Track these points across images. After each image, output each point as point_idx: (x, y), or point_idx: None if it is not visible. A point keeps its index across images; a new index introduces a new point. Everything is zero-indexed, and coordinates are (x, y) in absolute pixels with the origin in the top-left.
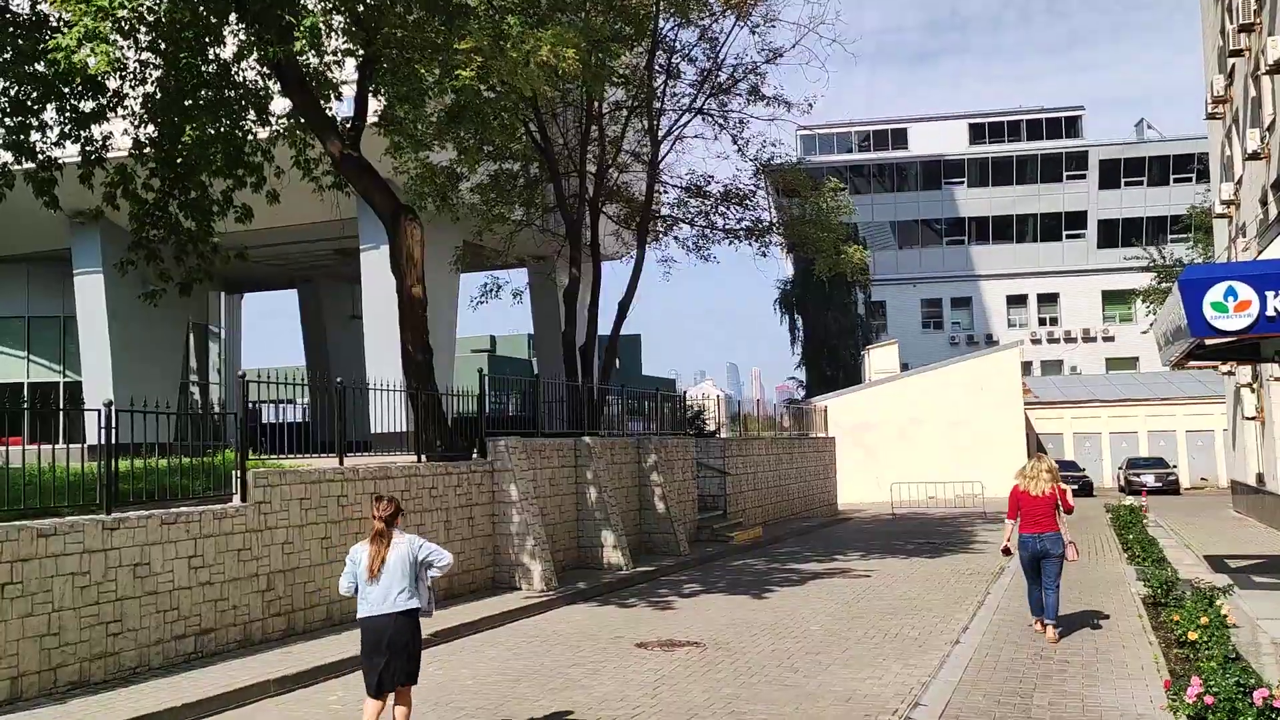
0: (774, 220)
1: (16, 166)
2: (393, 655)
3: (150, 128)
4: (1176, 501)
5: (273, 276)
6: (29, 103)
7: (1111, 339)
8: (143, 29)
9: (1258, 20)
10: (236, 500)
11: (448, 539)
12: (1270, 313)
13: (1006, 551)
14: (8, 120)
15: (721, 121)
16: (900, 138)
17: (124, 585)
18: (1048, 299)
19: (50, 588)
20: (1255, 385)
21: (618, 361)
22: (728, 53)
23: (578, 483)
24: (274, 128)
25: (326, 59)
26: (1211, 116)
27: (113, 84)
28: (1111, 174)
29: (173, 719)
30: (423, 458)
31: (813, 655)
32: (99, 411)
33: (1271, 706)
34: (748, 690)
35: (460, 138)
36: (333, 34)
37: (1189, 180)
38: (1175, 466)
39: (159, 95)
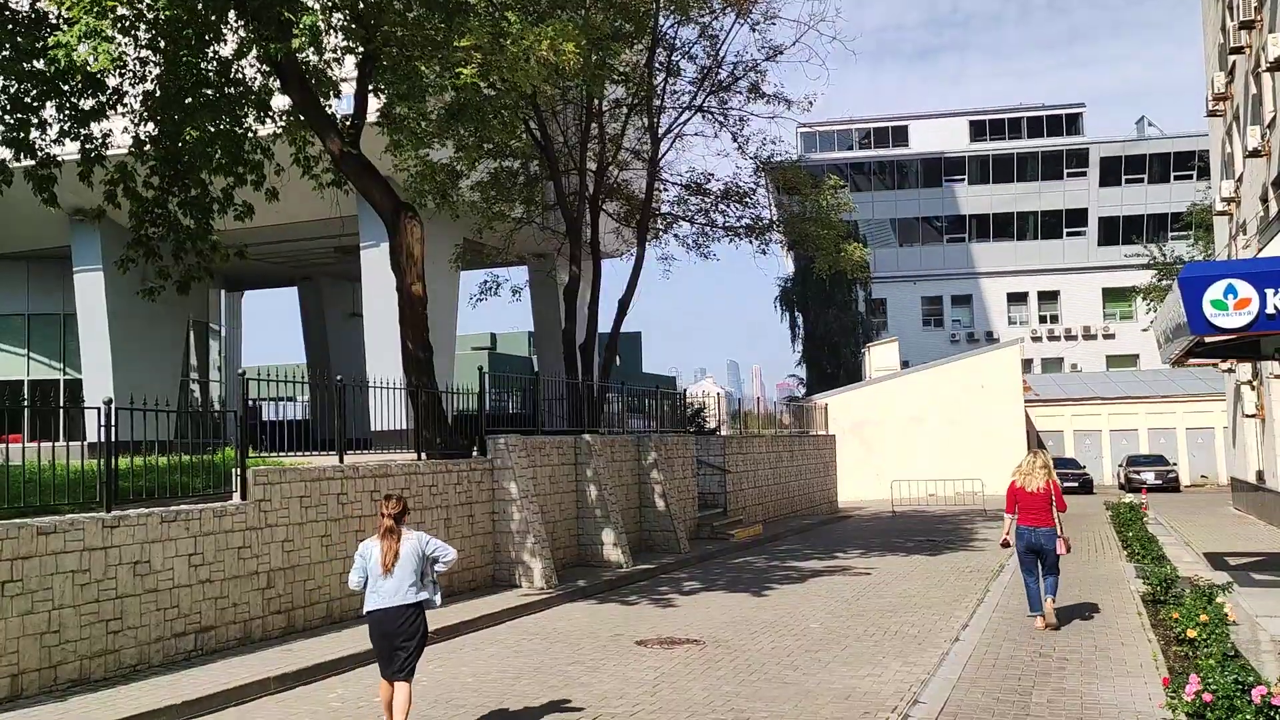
0: (774, 218)
1: (16, 164)
2: (402, 644)
3: (150, 125)
4: (1176, 499)
5: (273, 274)
6: (28, 100)
7: (1112, 336)
8: (142, 26)
9: (1258, 17)
10: (236, 498)
11: (448, 537)
12: (1270, 310)
13: (1006, 544)
14: (7, 118)
15: (722, 119)
16: (901, 135)
17: (124, 583)
18: (1048, 296)
19: (50, 585)
20: (1255, 383)
21: (618, 359)
22: (728, 50)
23: (578, 480)
24: (274, 125)
25: (326, 56)
26: (1212, 114)
27: (112, 82)
28: (1112, 171)
29: (173, 716)
30: (423, 455)
31: (812, 653)
32: (99, 409)
33: (1270, 704)
34: (747, 688)
35: (460, 135)
36: (332, 31)
37: (1189, 177)
38: (1175, 464)
39: (159, 93)
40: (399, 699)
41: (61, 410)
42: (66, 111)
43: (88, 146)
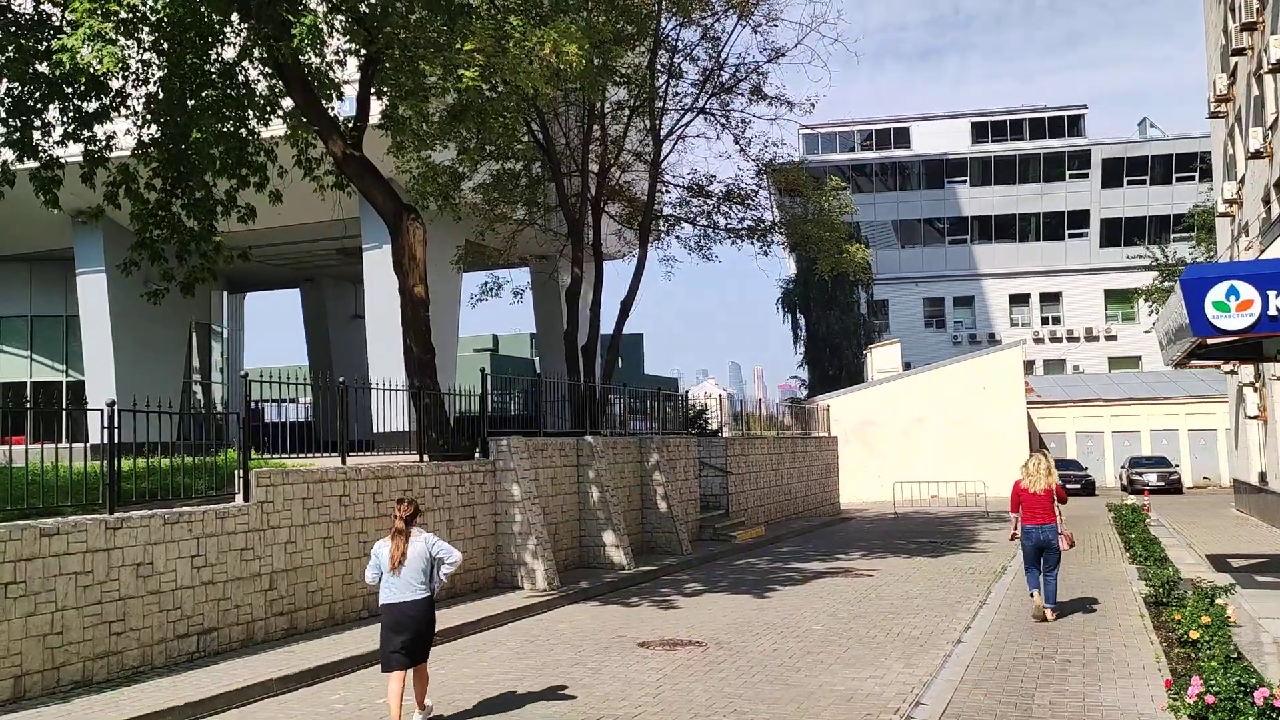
0: (776, 220)
1: (19, 166)
2: (413, 635)
3: (153, 128)
4: (1179, 501)
5: (275, 276)
6: (31, 103)
7: (1114, 338)
8: (145, 29)
9: (1260, 19)
10: (239, 500)
11: (450, 538)
12: (1272, 312)
13: (1015, 538)
14: (10, 120)
15: (724, 121)
16: (903, 136)
17: (127, 584)
18: (1050, 298)
19: (53, 587)
20: (1258, 384)
21: (620, 361)
22: (730, 52)
23: (580, 482)
24: (278, 127)
25: (329, 59)
26: (1214, 115)
27: (116, 84)
28: (1114, 173)
29: (176, 718)
30: (425, 457)
31: (814, 655)
32: (102, 411)
33: (1273, 706)
34: (750, 690)
35: (462, 137)
36: (334, 34)
37: (1191, 179)
38: (1178, 465)
39: (162, 95)
40: (419, 680)
41: (64, 412)
42: (70, 114)
43: (91, 149)
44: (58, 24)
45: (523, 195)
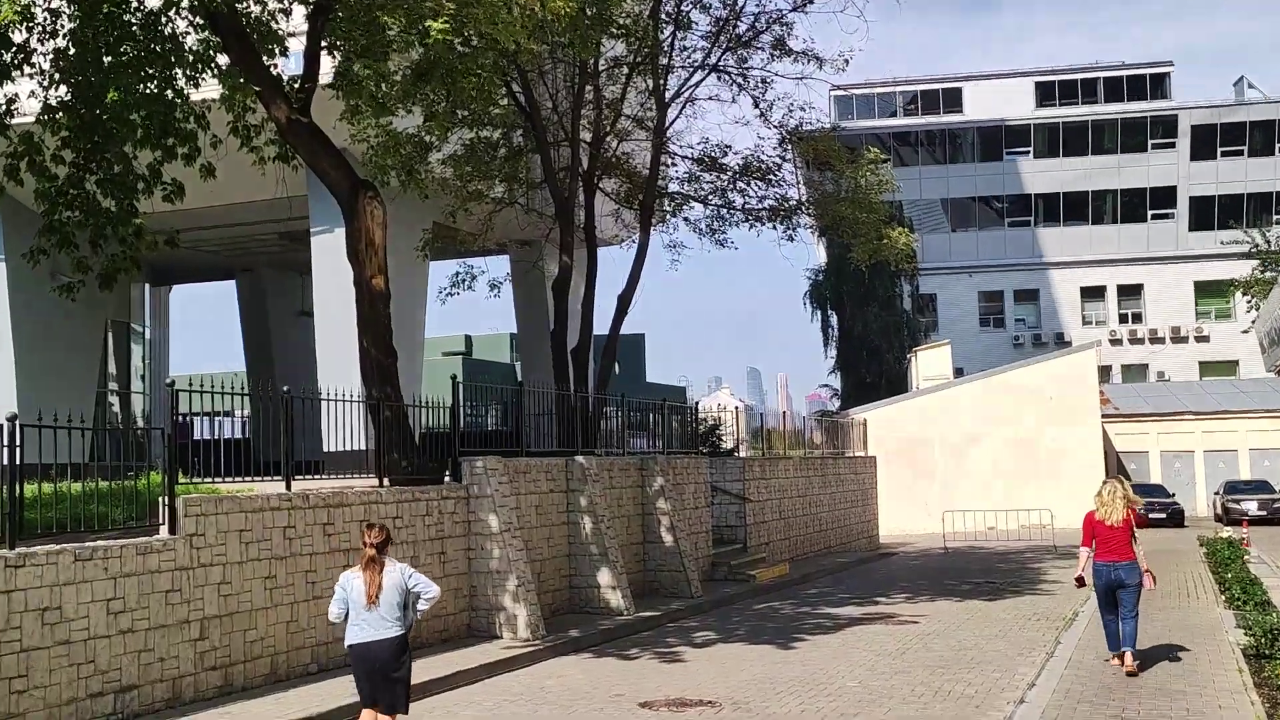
0: (803, 198)
1: None
2: (385, 679)
3: (63, 89)
4: None
5: (207, 265)
6: None
7: (1206, 339)
8: None
9: None
10: (164, 532)
11: None
12: None
13: (1080, 582)
14: None
15: (740, 81)
16: (954, 99)
17: (30, 634)
18: (1129, 291)
19: None
20: None
21: (617, 366)
22: None
23: (570, 511)
24: (210, 88)
25: (271, 7)
26: None
27: (18, 38)
28: (1206, 142)
29: None
30: (385, 481)
31: (849, 717)
32: (2, 427)
33: None
34: None
35: (429, 100)
36: None
37: None
38: None
39: (73, 51)
40: None
41: None
42: None
43: None
44: None
45: (501, 169)
